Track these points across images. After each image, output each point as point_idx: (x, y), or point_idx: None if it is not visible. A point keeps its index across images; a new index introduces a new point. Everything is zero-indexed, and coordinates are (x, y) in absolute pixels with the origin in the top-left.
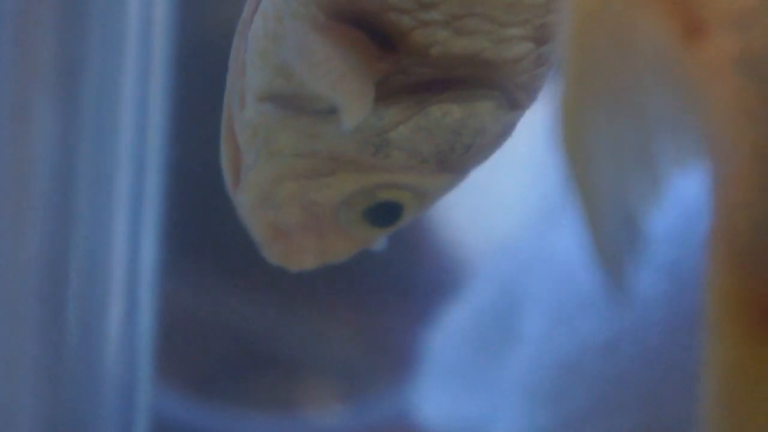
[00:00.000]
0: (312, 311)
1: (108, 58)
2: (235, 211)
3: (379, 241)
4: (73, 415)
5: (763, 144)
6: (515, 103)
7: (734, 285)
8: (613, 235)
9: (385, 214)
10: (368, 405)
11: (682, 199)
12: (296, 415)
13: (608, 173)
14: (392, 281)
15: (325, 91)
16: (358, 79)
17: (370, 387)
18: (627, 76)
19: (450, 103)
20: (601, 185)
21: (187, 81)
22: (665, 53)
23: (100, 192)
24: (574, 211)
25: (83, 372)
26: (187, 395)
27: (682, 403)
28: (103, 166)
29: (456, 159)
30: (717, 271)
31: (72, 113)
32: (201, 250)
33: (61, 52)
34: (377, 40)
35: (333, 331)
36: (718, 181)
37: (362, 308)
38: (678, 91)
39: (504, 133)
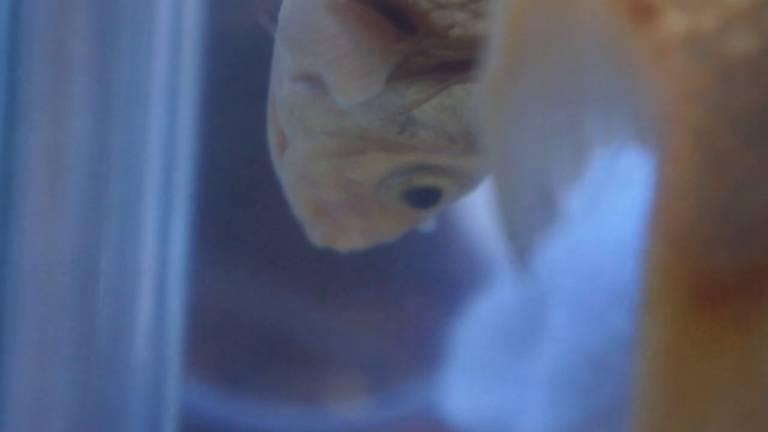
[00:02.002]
0: (339, 305)
1: (139, 52)
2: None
3: (426, 221)
4: (103, 405)
5: (707, 125)
6: None
7: (673, 265)
8: (525, 212)
9: (424, 195)
10: (395, 398)
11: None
12: (323, 408)
13: (530, 149)
14: (420, 276)
15: (320, 68)
16: (361, 61)
17: (397, 380)
18: (565, 54)
19: (473, 83)
20: (520, 160)
21: (217, 74)
22: (608, 31)
23: (131, 185)
24: (487, 182)
25: (113, 364)
26: (214, 387)
27: None
28: (134, 159)
29: None
30: (656, 251)
31: (103, 107)
32: (230, 243)
33: (93, 49)
34: (396, 22)
35: (360, 325)
36: (661, 161)
37: (389, 302)
38: (618, 70)
39: None
